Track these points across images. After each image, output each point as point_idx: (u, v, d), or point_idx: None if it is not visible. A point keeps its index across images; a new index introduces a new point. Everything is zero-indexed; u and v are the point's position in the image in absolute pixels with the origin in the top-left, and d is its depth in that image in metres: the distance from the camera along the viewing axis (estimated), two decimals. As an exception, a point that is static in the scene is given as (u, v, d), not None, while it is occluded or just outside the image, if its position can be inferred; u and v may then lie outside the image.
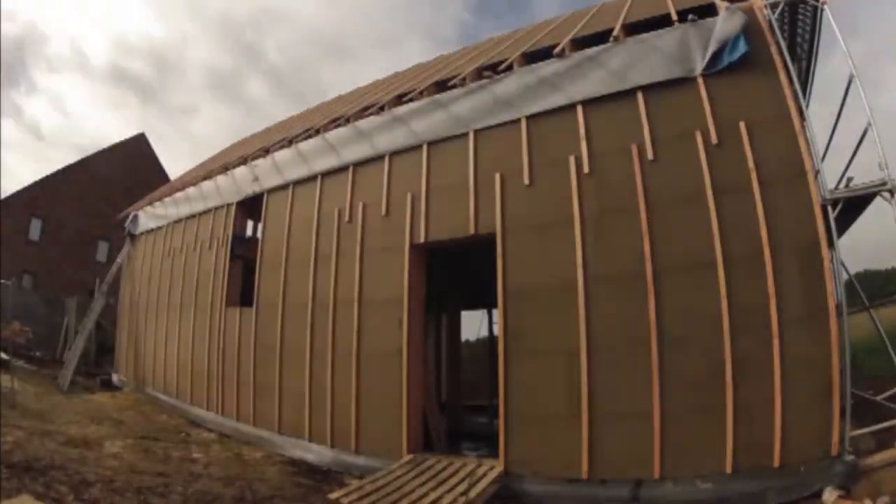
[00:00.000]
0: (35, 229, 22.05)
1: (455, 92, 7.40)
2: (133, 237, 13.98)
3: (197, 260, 10.91)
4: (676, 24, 6.06)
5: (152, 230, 13.00)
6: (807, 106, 7.10)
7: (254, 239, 10.61)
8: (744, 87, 5.62)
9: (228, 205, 10.51)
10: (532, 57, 7.14)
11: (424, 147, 7.50)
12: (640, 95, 6.06)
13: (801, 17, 7.18)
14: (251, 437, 8.57)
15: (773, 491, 4.74)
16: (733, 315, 5.19)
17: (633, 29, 6.47)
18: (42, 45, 73.59)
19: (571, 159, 6.28)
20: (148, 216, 13.47)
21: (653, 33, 6.19)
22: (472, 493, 5.35)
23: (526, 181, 6.55)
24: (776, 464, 4.79)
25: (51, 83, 76.18)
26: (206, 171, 11.97)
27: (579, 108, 6.39)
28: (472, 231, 6.80)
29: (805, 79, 8.26)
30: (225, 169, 10.93)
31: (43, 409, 8.77)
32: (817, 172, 5.40)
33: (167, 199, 12.74)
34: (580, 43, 6.75)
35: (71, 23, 78.30)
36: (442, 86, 7.75)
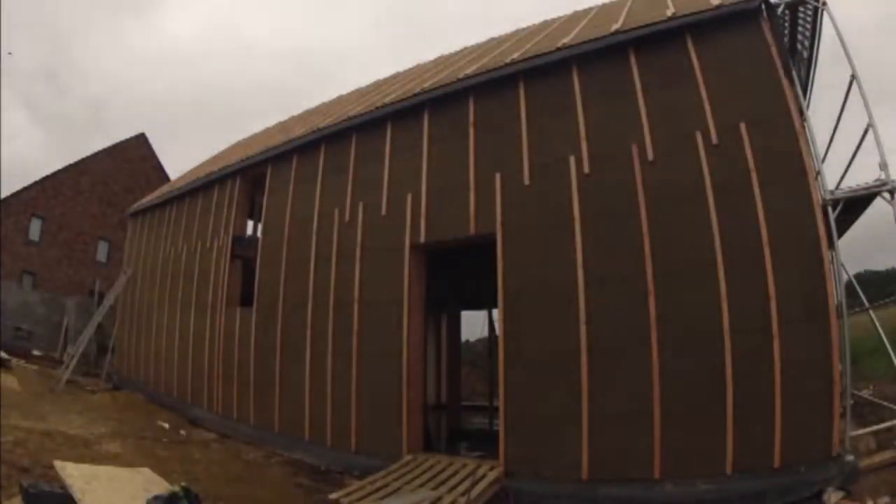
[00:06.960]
0: (35, 229, 21.99)
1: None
2: (133, 237, 13.96)
3: (197, 260, 10.90)
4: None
5: (153, 230, 12.98)
6: (807, 107, 7.10)
7: (254, 239, 10.60)
8: (744, 88, 5.61)
9: (229, 205, 10.51)
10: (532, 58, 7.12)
11: (425, 147, 7.50)
12: (640, 95, 6.07)
13: (801, 17, 7.18)
14: (251, 437, 8.55)
15: (774, 491, 4.73)
16: (733, 315, 5.18)
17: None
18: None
19: (571, 159, 6.28)
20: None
21: None
22: (474, 494, 5.34)
23: (526, 181, 6.56)
24: (776, 464, 4.79)
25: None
26: (206, 172, 11.96)
27: (579, 107, 6.39)
28: (472, 231, 6.80)
29: (806, 79, 8.26)
30: (225, 169, 10.91)
31: (43, 409, 8.76)
32: (817, 173, 5.39)
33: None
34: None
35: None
36: (443, 86, 7.73)
